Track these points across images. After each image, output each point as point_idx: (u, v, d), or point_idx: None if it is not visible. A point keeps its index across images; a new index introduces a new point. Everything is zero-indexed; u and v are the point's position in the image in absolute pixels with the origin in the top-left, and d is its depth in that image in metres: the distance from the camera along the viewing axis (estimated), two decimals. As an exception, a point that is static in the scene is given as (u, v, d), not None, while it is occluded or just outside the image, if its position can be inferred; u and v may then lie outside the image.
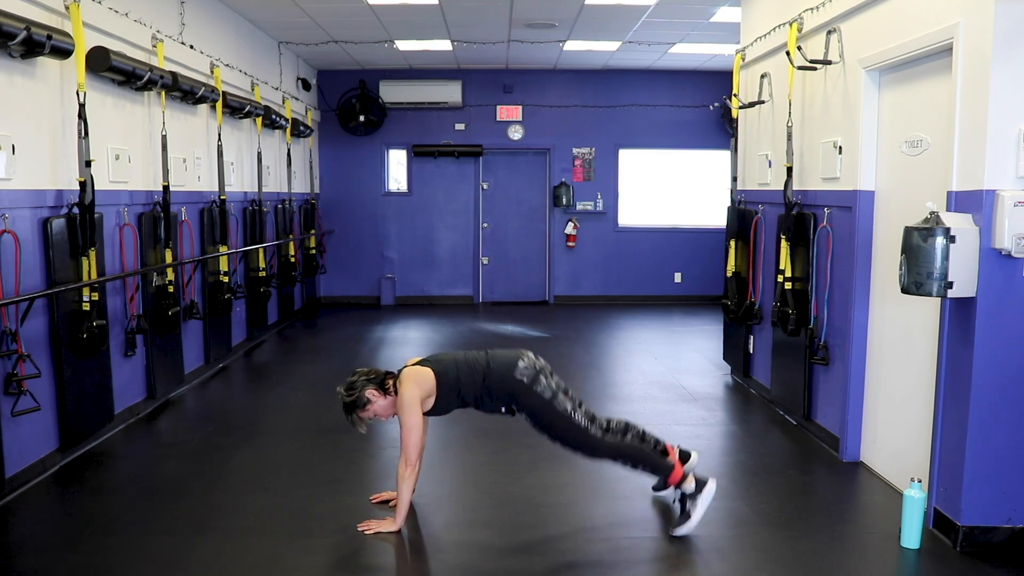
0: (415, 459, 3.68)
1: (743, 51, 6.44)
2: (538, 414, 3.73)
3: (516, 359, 3.78)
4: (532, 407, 3.73)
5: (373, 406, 3.74)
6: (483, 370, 3.76)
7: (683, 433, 5.23)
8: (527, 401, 3.72)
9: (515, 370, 3.74)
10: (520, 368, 3.74)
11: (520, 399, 3.73)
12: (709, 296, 10.87)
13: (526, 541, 3.66)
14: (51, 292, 4.32)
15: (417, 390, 3.69)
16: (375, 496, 4.07)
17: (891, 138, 4.32)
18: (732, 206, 6.74)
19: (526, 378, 3.72)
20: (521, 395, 3.72)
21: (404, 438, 3.66)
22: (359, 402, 3.72)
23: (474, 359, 3.83)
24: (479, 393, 3.76)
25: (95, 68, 4.82)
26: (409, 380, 3.72)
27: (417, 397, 3.68)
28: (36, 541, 3.72)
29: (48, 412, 4.44)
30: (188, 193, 6.41)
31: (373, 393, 3.73)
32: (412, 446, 3.66)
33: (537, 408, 3.72)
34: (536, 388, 3.71)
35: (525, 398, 3.72)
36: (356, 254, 11.27)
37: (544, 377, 3.75)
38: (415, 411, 3.67)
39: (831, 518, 3.96)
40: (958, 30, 3.53)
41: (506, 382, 3.73)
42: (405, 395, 3.69)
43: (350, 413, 3.75)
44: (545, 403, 3.71)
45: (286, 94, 9.24)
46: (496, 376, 3.74)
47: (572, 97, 11.13)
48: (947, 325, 3.61)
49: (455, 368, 3.77)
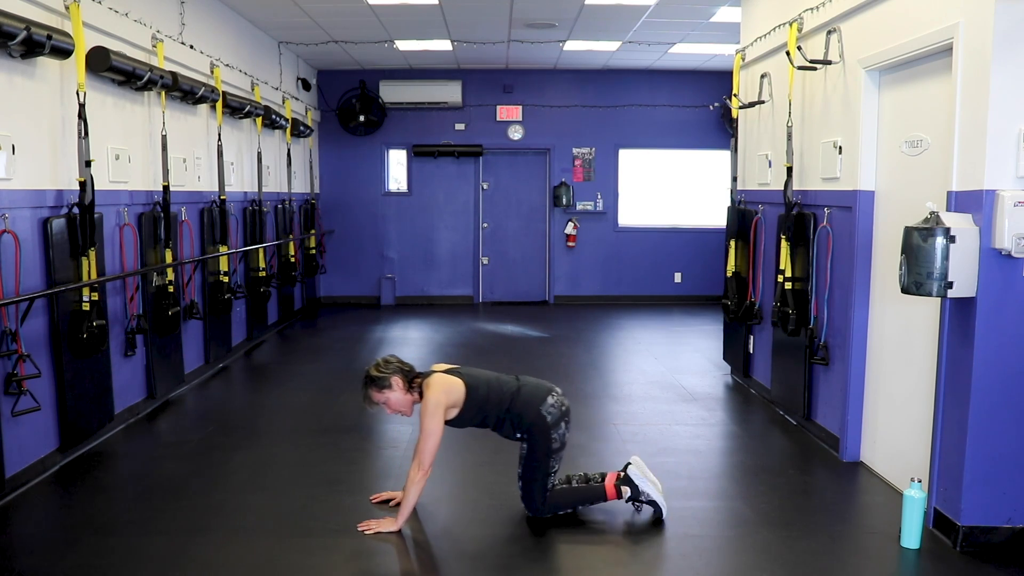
0: (428, 465, 3.68)
1: (743, 51, 6.44)
2: (534, 454, 3.77)
3: (547, 393, 3.81)
4: (536, 446, 3.76)
5: (391, 393, 3.72)
6: (511, 394, 3.77)
7: (683, 433, 5.24)
8: (538, 439, 3.75)
9: (543, 404, 3.77)
10: (548, 404, 3.77)
11: (534, 433, 3.75)
12: (709, 296, 10.87)
13: (526, 541, 3.66)
14: (51, 292, 4.32)
15: (445, 398, 3.68)
16: (375, 496, 4.07)
17: (891, 138, 4.32)
18: (732, 206, 6.74)
19: (550, 417, 3.76)
20: (537, 431, 3.75)
21: (422, 443, 3.66)
22: (381, 382, 3.71)
23: (504, 382, 3.84)
24: (502, 416, 3.77)
25: (95, 68, 4.82)
26: (439, 387, 3.70)
27: (443, 405, 3.68)
28: (36, 541, 3.72)
29: (48, 412, 4.44)
30: (188, 193, 6.41)
31: (398, 382, 3.72)
32: (429, 452, 3.65)
33: (538, 450, 3.76)
34: (552, 433, 3.76)
35: (539, 435, 3.75)
36: (356, 254, 11.27)
37: (564, 424, 3.80)
38: (438, 418, 3.67)
39: (831, 518, 3.96)
40: (958, 30, 3.53)
41: (530, 412, 3.75)
42: (431, 400, 3.67)
43: (367, 388, 3.74)
44: (547, 451, 3.76)
45: (286, 94, 9.24)
46: (522, 403, 3.76)
47: (572, 97, 11.13)
48: (947, 325, 3.61)
49: (486, 386, 3.78)
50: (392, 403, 3.74)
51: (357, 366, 7.31)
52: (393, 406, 3.75)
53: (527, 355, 7.83)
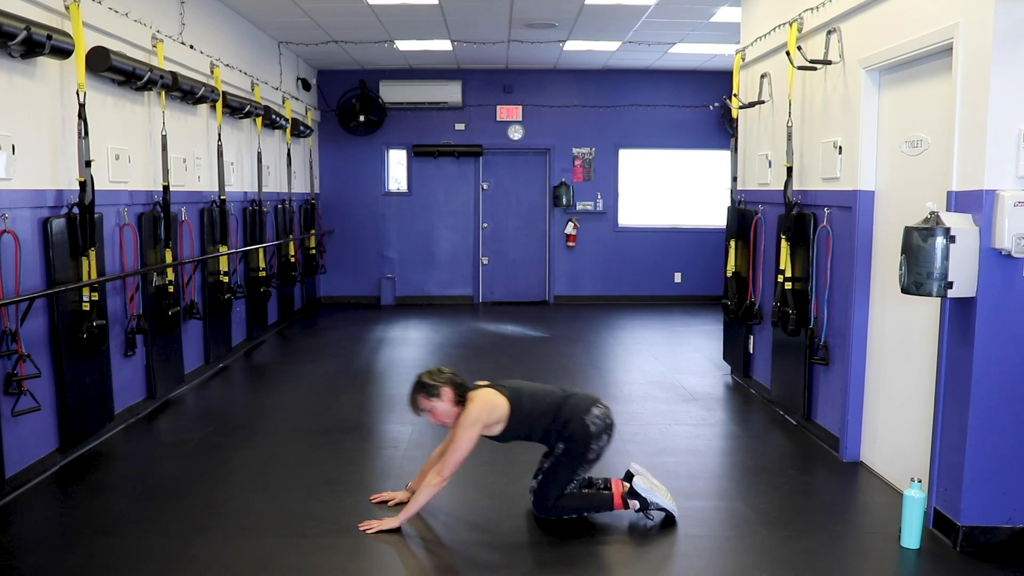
0: (449, 475, 3.69)
1: (743, 51, 6.44)
2: (567, 460, 3.75)
3: (593, 404, 3.81)
4: (572, 452, 3.75)
5: (438, 402, 3.72)
6: (557, 405, 3.78)
7: (683, 433, 5.23)
8: (577, 446, 3.74)
9: (588, 414, 3.76)
10: (593, 414, 3.77)
11: (575, 440, 3.74)
12: (709, 296, 10.87)
13: (526, 541, 3.67)
14: (51, 292, 4.32)
15: (485, 416, 3.69)
16: (375, 496, 4.07)
17: (891, 138, 4.32)
18: (732, 206, 6.74)
19: (594, 427, 3.75)
20: (578, 439, 3.74)
21: (451, 453, 3.66)
22: (431, 390, 3.71)
23: (549, 392, 3.85)
24: (547, 428, 3.77)
25: (95, 68, 4.82)
26: (481, 402, 3.71)
27: (482, 421, 3.69)
28: (36, 541, 3.72)
29: (48, 412, 4.44)
30: (188, 193, 6.41)
31: (448, 393, 3.71)
32: (454, 463, 3.67)
33: (573, 457, 3.75)
34: (592, 443, 3.75)
35: (579, 443, 3.74)
36: (356, 254, 11.27)
37: (606, 437, 3.80)
38: (472, 433, 3.67)
39: (831, 518, 3.96)
40: (958, 30, 3.53)
41: (574, 420, 3.74)
42: (471, 414, 3.68)
43: (416, 393, 3.74)
44: (582, 460, 3.75)
45: (286, 94, 9.24)
46: (568, 412, 3.76)
47: (572, 97, 11.13)
48: (947, 325, 3.61)
49: (530, 399, 3.79)
50: (438, 412, 3.73)
51: (357, 366, 7.32)
52: (438, 415, 3.74)
53: (527, 355, 7.83)
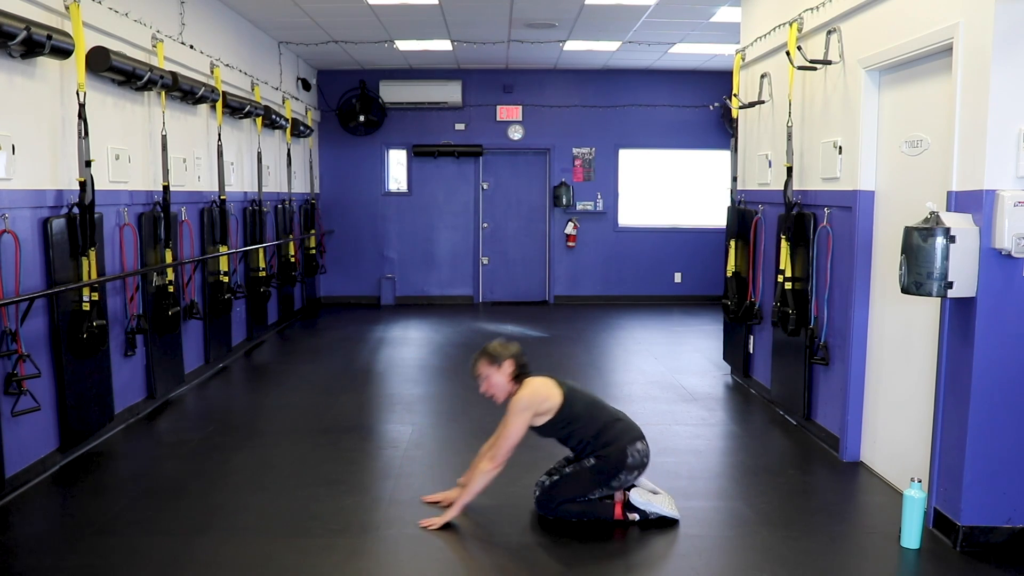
0: (502, 460, 3.73)
1: (743, 51, 6.44)
2: (591, 475, 3.75)
3: (639, 437, 3.83)
4: (599, 471, 3.75)
5: (497, 373, 3.78)
6: (605, 424, 3.79)
7: (683, 433, 5.23)
8: (607, 469, 3.74)
9: (632, 445, 3.78)
10: (636, 447, 3.78)
11: (608, 462, 3.74)
12: (709, 296, 10.87)
13: (526, 541, 3.66)
14: (51, 292, 4.32)
15: (536, 403, 3.72)
16: (427, 497, 4.05)
17: (891, 138, 4.32)
18: (732, 206, 6.74)
19: (631, 459, 3.77)
20: (612, 462, 3.74)
21: (503, 440, 3.70)
22: (495, 358, 3.79)
23: (603, 408, 3.88)
24: (587, 440, 3.78)
25: (95, 68, 4.82)
26: (534, 389, 3.75)
27: (533, 409, 3.71)
28: (36, 541, 3.71)
29: (48, 412, 4.44)
30: (188, 193, 6.41)
31: (508, 367, 3.78)
32: (506, 450, 3.71)
33: (597, 475, 3.74)
34: (621, 474, 3.75)
35: (610, 467, 3.74)
36: (356, 254, 11.27)
37: (637, 472, 3.80)
38: (523, 420, 3.70)
39: (831, 518, 3.96)
40: (958, 30, 3.53)
41: (616, 445, 3.76)
42: (522, 399, 3.71)
43: (480, 356, 3.81)
44: (603, 482, 3.74)
45: (286, 94, 9.24)
46: (613, 434, 3.78)
47: (572, 97, 11.13)
48: (947, 325, 3.61)
49: (583, 406, 3.82)
50: (492, 382, 3.80)
51: (357, 366, 7.33)
52: (491, 385, 3.80)
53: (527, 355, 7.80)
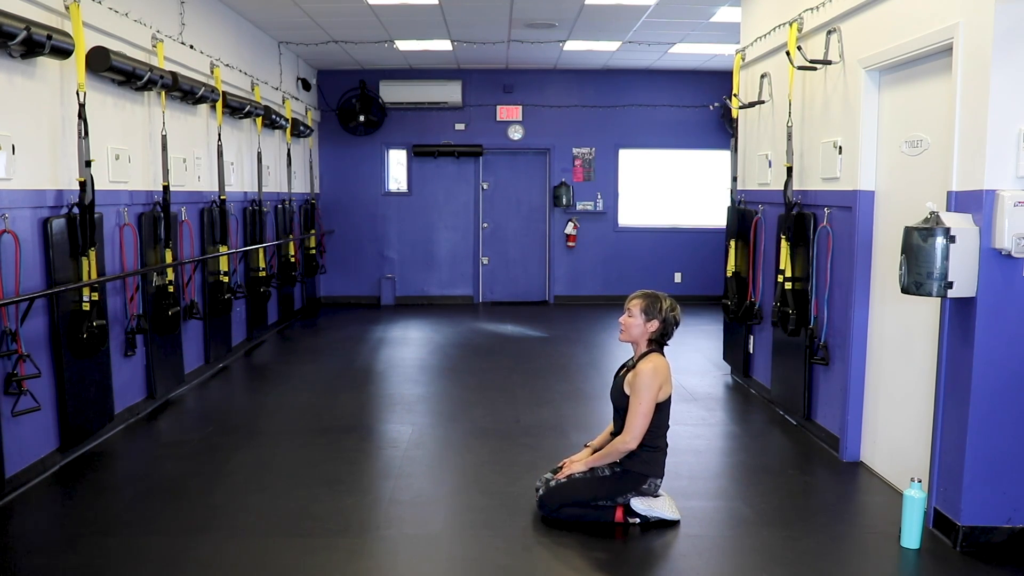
0: (639, 434, 3.74)
1: (743, 51, 6.44)
2: (606, 483, 3.80)
3: (661, 475, 3.86)
4: (616, 481, 3.79)
5: (645, 322, 3.84)
6: (660, 446, 3.86)
7: (683, 433, 5.23)
8: (626, 484, 3.78)
9: (653, 478, 3.82)
10: (655, 481, 3.83)
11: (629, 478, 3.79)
12: (709, 296, 10.86)
13: (526, 541, 3.66)
14: (51, 292, 4.32)
15: (659, 381, 3.76)
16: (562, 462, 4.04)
17: (891, 138, 4.32)
18: (732, 206, 6.74)
19: (645, 487, 3.81)
20: (633, 479, 3.79)
21: (634, 417, 3.73)
22: (652, 310, 3.84)
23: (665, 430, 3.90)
24: (647, 447, 3.81)
25: (95, 68, 4.82)
26: (662, 368, 3.81)
27: (657, 380, 3.76)
28: (36, 541, 3.72)
29: (48, 412, 4.44)
30: (188, 193, 6.41)
31: (655, 325, 3.85)
32: (639, 428, 3.74)
33: (613, 486, 3.79)
34: (631, 494, 3.79)
35: (629, 483, 3.78)
36: (356, 254, 11.26)
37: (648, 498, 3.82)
38: (650, 395, 3.74)
39: (831, 518, 3.96)
40: (958, 30, 3.53)
41: (645, 468, 3.80)
42: (648, 370, 3.77)
43: (644, 298, 3.87)
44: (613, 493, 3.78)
45: (286, 94, 9.24)
46: (652, 458, 3.82)
47: (572, 97, 11.13)
48: (947, 325, 3.61)
49: (668, 415, 3.89)
50: (632, 326, 3.86)
51: (357, 366, 7.32)
52: (630, 329, 3.87)
53: (527, 355, 7.83)
